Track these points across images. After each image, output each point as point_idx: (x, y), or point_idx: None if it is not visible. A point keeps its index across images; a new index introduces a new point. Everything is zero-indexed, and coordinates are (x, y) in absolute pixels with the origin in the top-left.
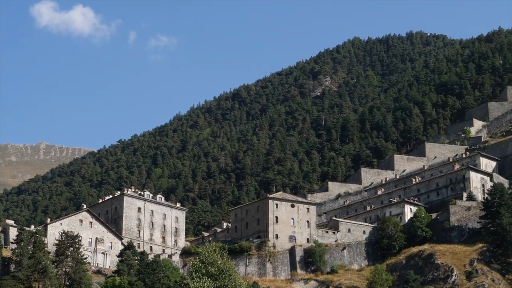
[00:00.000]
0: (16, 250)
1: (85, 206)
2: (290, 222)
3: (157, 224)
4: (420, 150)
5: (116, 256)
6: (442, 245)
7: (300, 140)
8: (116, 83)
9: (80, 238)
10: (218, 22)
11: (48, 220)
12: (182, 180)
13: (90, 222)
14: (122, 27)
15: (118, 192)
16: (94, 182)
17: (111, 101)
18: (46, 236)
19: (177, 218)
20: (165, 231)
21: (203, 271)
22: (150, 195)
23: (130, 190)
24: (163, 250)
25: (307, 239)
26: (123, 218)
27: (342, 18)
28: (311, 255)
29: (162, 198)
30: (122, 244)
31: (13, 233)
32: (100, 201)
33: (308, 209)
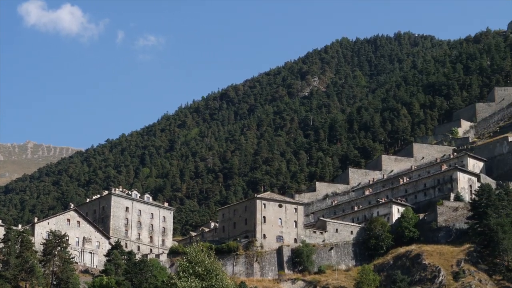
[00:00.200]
0: (3, 250)
1: (72, 205)
2: (278, 222)
3: (144, 223)
4: (407, 150)
5: (103, 255)
6: (429, 245)
7: (288, 140)
8: (104, 83)
9: (67, 238)
10: (206, 22)
11: (35, 219)
12: (169, 179)
13: (78, 222)
14: (110, 27)
15: (106, 191)
16: (82, 182)
17: (99, 100)
18: (33, 235)
19: (164, 217)
20: (152, 231)
21: (191, 271)
22: (138, 195)
23: (117, 189)
24: (151, 250)
25: (295, 239)
26: (111, 217)
27: (330, 18)
28: (299, 255)
29: (150, 198)
30: (110, 243)
31: (0, 232)
32: (87, 200)
33: (295, 209)
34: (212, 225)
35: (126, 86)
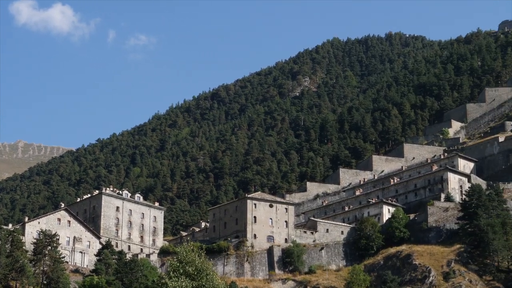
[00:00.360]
0: None
1: (63, 205)
2: (268, 222)
3: (135, 223)
4: (398, 151)
5: (94, 255)
6: (419, 245)
7: (278, 140)
8: (95, 82)
9: (58, 237)
10: (197, 21)
11: (26, 218)
12: (160, 179)
13: (68, 221)
14: (101, 26)
15: (97, 191)
16: (73, 181)
17: (90, 100)
18: (24, 234)
19: (155, 217)
20: (143, 231)
21: (181, 271)
22: (129, 194)
23: (108, 189)
24: (141, 250)
25: (285, 239)
26: (101, 217)
27: (321, 18)
28: (289, 255)
29: (141, 198)
30: (100, 243)
31: None
32: (78, 200)
33: (286, 209)
34: (202, 225)
35: (117, 86)
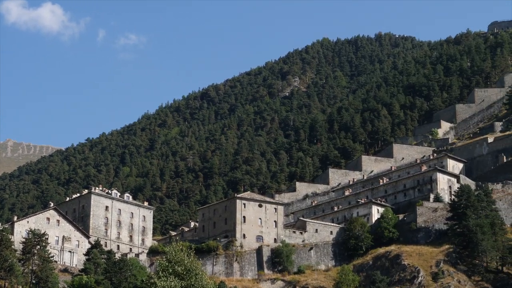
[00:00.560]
0: None
1: (52, 204)
2: (258, 222)
3: (124, 223)
4: (387, 151)
5: (83, 254)
6: (408, 246)
7: (268, 140)
8: (84, 81)
9: (47, 236)
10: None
11: (15, 218)
12: (150, 179)
13: (57, 220)
14: (91, 25)
15: (86, 190)
16: (62, 180)
17: (79, 99)
18: (12, 234)
19: (144, 217)
20: (132, 230)
21: (170, 270)
22: (118, 194)
23: (97, 188)
24: (130, 249)
25: (275, 239)
26: (91, 216)
27: (311, 18)
28: (278, 255)
29: (130, 197)
30: (89, 242)
31: None
32: (67, 199)
33: (275, 209)
34: (192, 224)
35: (106, 85)
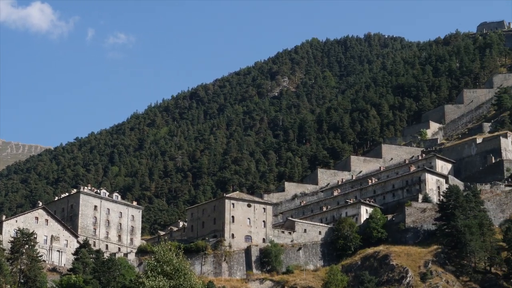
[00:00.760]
0: None
1: (41, 203)
2: (246, 222)
3: (113, 222)
4: (376, 151)
5: (71, 254)
6: (397, 246)
7: (257, 140)
8: (73, 80)
9: (35, 236)
10: (176, 21)
11: (3, 217)
12: (138, 178)
13: (46, 220)
14: (80, 24)
15: (74, 190)
16: (50, 180)
17: (68, 98)
18: (1, 233)
19: (133, 216)
20: (121, 230)
21: (159, 270)
22: (107, 193)
23: (86, 188)
24: (119, 249)
25: (263, 239)
26: (79, 216)
27: (300, 18)
28: (267, 255)
29: (119, 197)
30: (78, 242)
31: None
32: (56, 198)
33: (264, 209)
34: (180, 224)
35: (95, 84)
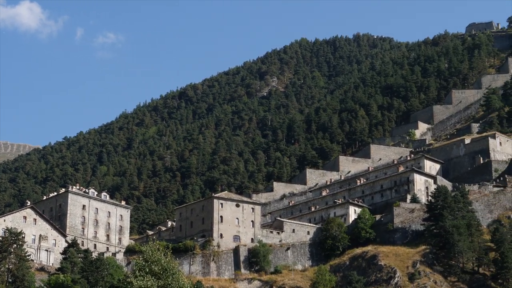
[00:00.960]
0: None
1: (29, 202)
2: (235, 221)
3: (101, 222)
4: (365, 151)
5: (59, 253)
6: (385, 246)
7: (246, 140)
8: (62, 80)
9: (23, 235)
10: (165, 21)
11: None
12: (127, 178)
13: (34, 219)
14: (69, 24)
15: (63, 189)
16: (39, 179)
17: (57, 97)
18: None
19: (121, 216)
20: (109, 229)
21: (147, 270)
22: (95, 193)
23: (74, 187)
24: (107, 248)
25: (252, 239)
26: (68, 215)
27: (289, 18)
28: (255, 255)
29: (107, 196)
30: (66, 241)
31: None
32: (44, 198)
33: (253, 209)
34: (169, 224)
35: (84, 84)
